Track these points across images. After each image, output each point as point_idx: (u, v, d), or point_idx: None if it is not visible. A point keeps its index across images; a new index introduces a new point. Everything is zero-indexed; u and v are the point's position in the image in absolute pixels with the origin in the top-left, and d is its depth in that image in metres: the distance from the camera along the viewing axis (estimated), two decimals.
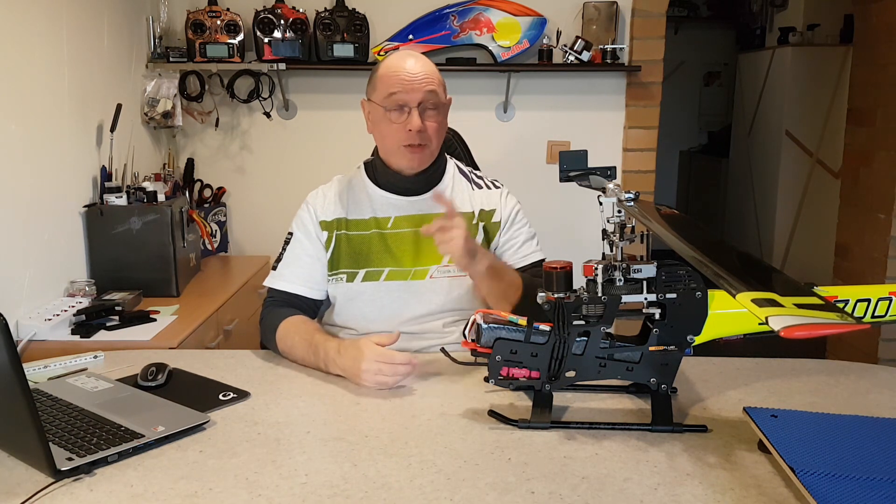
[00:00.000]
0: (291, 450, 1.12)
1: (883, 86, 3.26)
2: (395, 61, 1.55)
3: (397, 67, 1.53)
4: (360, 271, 1.59)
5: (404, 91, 1.51)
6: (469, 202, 1.65)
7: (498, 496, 0.98)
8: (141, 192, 2.32)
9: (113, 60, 2.51)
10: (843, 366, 1.49)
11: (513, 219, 1.66)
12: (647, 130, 3.09)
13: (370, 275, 1.59)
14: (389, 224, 1.61)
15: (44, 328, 1.88)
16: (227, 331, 2.30)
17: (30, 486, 1.01)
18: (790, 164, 4.72)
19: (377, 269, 1.58)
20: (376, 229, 1.60)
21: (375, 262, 1.59)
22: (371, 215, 1.61)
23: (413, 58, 1.56)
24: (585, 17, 2.97)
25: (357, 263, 1.59)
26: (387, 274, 1.58)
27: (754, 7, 5.56)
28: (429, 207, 1.61)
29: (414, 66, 1.53)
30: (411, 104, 1.52)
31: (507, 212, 1.66)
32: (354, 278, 1.59)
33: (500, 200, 1.66)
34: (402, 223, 1.60)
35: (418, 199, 1.62)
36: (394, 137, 1.55)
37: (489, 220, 1.64)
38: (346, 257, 1.60)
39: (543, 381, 1.20)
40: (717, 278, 0.96)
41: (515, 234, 1.65)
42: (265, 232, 3.04)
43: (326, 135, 3.06)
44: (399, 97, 1.51)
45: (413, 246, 1.59)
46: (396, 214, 1.61)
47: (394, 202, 1.62)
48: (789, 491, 0.98)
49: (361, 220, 1.61)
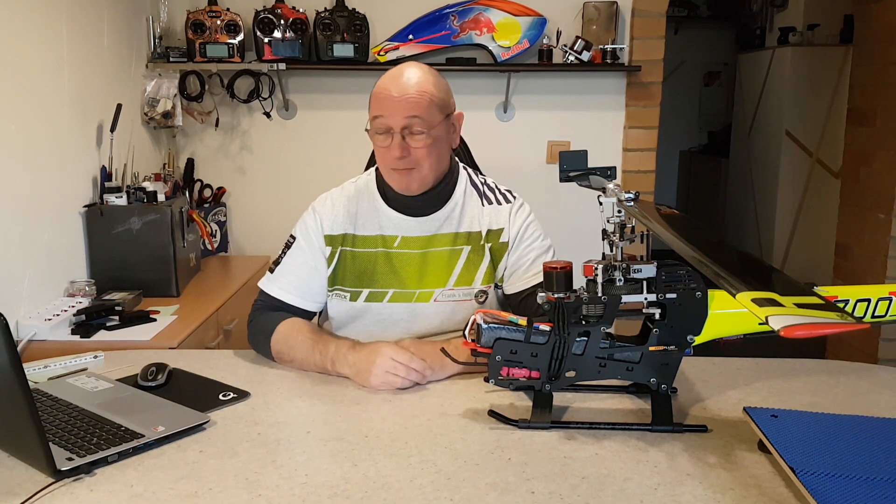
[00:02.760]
0: (291, 450, 1.12)
1: (883, 86, 3.26)
2: (386, 80, 1.48)
3: (386, 88, 1.46)
4: (363, 291, 1.55)
5: (387, 115, 1.45)
6: (479, 221, 1.57)
7: (498, 496, 0.98)
8: (141, 192, 2.32)
9: (113, 60, 2.51)
10: (843, 366, 1.49)
11: (521, 236, 1.57)
12: (647, 130, 3.09)
13: (373, 295, 1.55)
14: (396, 243, 1.55)
15: (44, 328, 1.88)
16: (227, 331, 2.30)
17: (30, 486, 1.01)
18: (790, 164, 4.73)
19: (381, 290, 1.54)
20: (383, 248, 1.55)
21: (380, 283, 1.54)
22: (378, 233, 1.56)
23: (405, 77, 1.46)
24: (585, 17, 2.97)
25: (361, 282, 1.55)
26: (391, 296, 1.54)
27: (754, 7, 5.56)
28: (436, 228, 1.55)
29: (405, 87, 1.45)
30: (395, 128, 1.45)
31: (515, 230, 1.57)
32: (358, 297, 1.55)
33: (510, 218, 1.58)
34: (410, 244, 1.55)
35: (426, 220, 1.55)
36: (382, 160, 1.51)
37: (496, 240, 1.57)
38: (349, 275, 1.56)
39: (543, 381, 1.20)
40: (717, 278, 0.96)
41: (525, 253, 1.56)
42: (265, 232, 3.04)
43: (326, 135, 3.06)
44: (382, 121, 1.46)
45: (419, 268, 1.54)
46: (404, 234, 1.55)
47: (401, 222, 1.56)
48: (789, 491, 0.98)
49: (368, 237, 1.56)
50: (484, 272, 1.55)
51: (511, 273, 1.57)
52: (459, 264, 1.55)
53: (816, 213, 4.63)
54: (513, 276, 1.57)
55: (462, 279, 1.54)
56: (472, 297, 1.54)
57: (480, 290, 1.55)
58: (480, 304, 1.55)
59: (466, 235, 1.56)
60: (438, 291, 1.54)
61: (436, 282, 1.54)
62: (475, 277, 1.55)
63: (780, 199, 4.77)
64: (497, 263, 1.57)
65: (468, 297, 1.54)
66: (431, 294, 1.54)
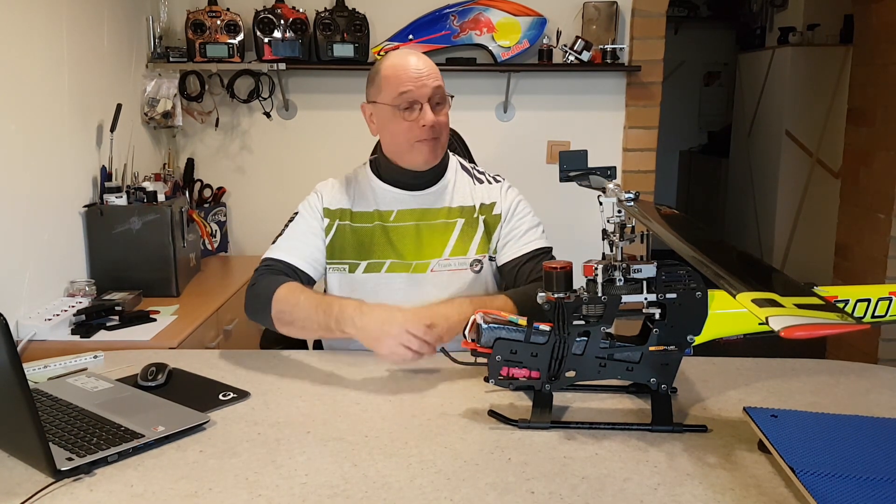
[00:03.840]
0: (291, 450, 1.12)
1: (883, 86, 3.26)
2: (398, 60, 1.56)
3: (403, 66, 1.54)
4: (361, 262, 1.61)
5: (415, 88, 1.52)
6: (470, 196, 1.66)
7: (498, 496, 0.98)
8: (141, 192, 2.32)
9: (113, 60, 2.51)
10: (843, 366, 1.49)
11: (513, 210, 1.65)
12: (647, 130, 3.09)
13: (372, 266, 1.60)
14: (392, 217, 1.62)
15: (44, 328, 1.88)
16: (227, 331, 2.30)
17: (30, 486, 1.01)
18: (790, 164, 4.73)
19: (379, 260, 1.60)
20: (379, 222, 1.62)
21: (378, 255, 1.60)
22: (374, 208, 1.63)
23: (414, 55, 1.57)
24: (585, 17, 2.97)
25: (359, 255, 1.61)
26: (388, 266, 1.60)
27: (754, 7, 5.56)
28: (430, 202, 1.63)
29: (418, 62, 1.55)
30: (422, 100, 1.53)
31: (507, 204, 1.66)
32: (356, 269, 1.61)
33: (501, 194, 1.67)
34: (405, 217, 1.62)
35: (420, 194, 1.63)
36: (407, 135, 1.55)
37: (489, 213, 1.65)
38: (348, 248, 1.61)
39: (543, 381, 1.20)
40: (717, 278, 0.96)
41: (517, 225, 1.65)
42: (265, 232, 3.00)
43: (326, 135, 3.06)
44: (411, 94, 1.53)
45: (415, 239, 1.61)
46: (399, 208, 1.62)
47: (397, 196, 1.63)
48: (789, 491, 0.98)
49: (365, 213, 1.63)
50: (478, 243, 1.62)
51: (504, 244, 1.64)
52: (454, 235, 1.61)
53: (816, 213, 4.63)
54: (505, 247, 1.64)
55: (457, 249, 1.61)
56: (467, 267, 1.60)
57: (475, 259, 1.61)
58: (476, 272, 1.61)
59: (459, 210, 1.64)
60: (435, 261, 1.60)
61: (432, 252, 1.60)
62: (470, 248, 1.61)
63: (780, 199, 4.77)
64: (491, 235, 1.64)
65: (464, 266, 1.60)
66: (428, 264, 1.60)
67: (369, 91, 1.61)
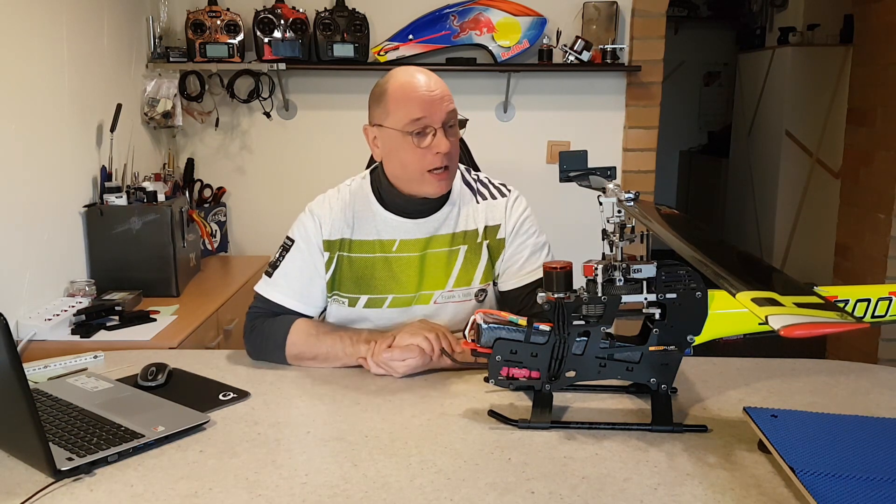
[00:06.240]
0: (291, 450, 1.12)
1: (883, 86, 3.26)
2: (406, 79, 1.44)
3: (413, 86, 1.43)
4: (361, 297, 1.52)
5: (429, 114, 1.41)
6: (473, 219, 1.55)
7: (498, 496, 0.98)
8: (141, 192, 2.32)
9: (113, 60, 2.51)
10: (843, 366, 1.48)
11: (517, 231, 1.55)
12: (647, 130, 3.09)
13: (373, 301, 1.52)
14: (394, 248, 1.52)
15: (44, 328, 1.88)
16: (227, 331, 2.30)
17: (30, 486, 1.01)
18: (790, 164, 4.73)
19: (380, 296, 1.52)
20: (381, 253, 1.52)
21: (379, 289, 1.52)
22: (376, 237, 1.52)
23: (423, 73, 1.45)
24: (585, 17, 2.97)
25: (359, 288, 1.52)
26: (390, 301, 1.52)
27: (754, 7, 5.56)
28: (434, 229, 1.53)
29: (429, 83, 1.43)
30: (436, 125, 1.42)
31: (511, 223, 1.55)
32: (356, 304, 1.53)
33: (506, 212, 1.56)
34: (408, 247, 1.52)
35: (423, 222, 1.52)
36: (419, 164, 1.44)
37: (493, 237, 1.55)
38: (347, 281, 1.53)
39: (543, 381, 1.20)
40: (717, 278, 0.96)
41: (519, 250, 1.54)
42: (265, 232, 3.04)
43: (326, 135, 3.06)
44: (423, 122, 1.41)
45: (418, 271, 1.52)
46: (402, 237, 1.52)
47: (399, 225, 1.52)
48: (789, 491, 0.98)
49: (366, 242, 1.52)
50: (482, 271, 1.54)
51: (505, 270, 1.56)
52: (458, 265, 1.53)
53: (816, 213, 4.63)
54: (506, 273, 1.56)
55: (461, 280, 1.53)
56: (471, 297, 1.54)
57: (479, 289, 1.54)
58: (480, 302, 1.55)
59: (463, 235, 1.54)
60: (438, 293, 1.53)
61: (435, 284, 1.53)
62: (474, 277, 1.54)
63: (780, 199, 4.77)
64: (495, 261, 1.56)
65: (468, 297, 1.54)
66: (431, 296, 1.53)
67: (374, 113, 1.49)
